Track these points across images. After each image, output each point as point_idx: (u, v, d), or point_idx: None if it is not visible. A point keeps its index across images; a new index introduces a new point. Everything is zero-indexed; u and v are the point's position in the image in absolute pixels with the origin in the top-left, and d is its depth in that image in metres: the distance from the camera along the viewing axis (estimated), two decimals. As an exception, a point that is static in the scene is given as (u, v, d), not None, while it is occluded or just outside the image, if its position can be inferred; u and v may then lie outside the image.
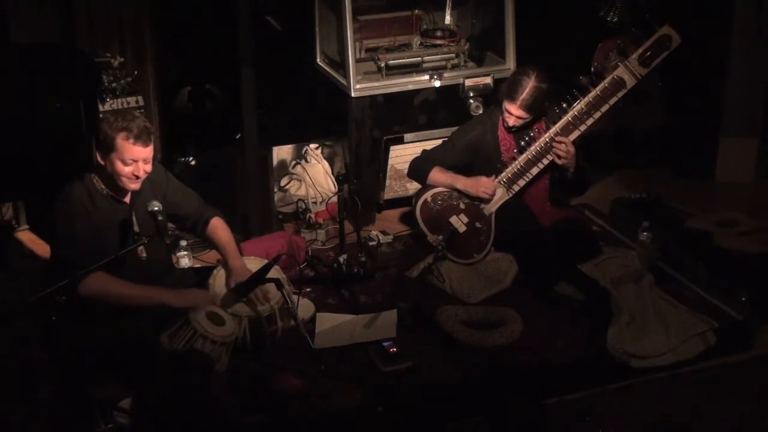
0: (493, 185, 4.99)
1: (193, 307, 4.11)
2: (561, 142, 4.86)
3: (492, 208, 5.04)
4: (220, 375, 4.11)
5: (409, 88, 5.42)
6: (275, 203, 5.68)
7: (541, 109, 4.93)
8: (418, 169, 5.14)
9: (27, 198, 5.31)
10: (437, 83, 5.44)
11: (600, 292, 4.70)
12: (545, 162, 4.94)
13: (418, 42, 5.55)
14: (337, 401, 4.06)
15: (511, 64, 5.52)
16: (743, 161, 6.17)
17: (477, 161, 5.11)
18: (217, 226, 4.49)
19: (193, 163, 5.65)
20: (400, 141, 5.47)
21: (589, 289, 4.75)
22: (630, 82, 4.90)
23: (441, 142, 5.24)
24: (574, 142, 4.90)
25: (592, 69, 5.05)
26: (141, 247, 4.24)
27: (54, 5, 5.41)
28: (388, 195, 5.66)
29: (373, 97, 5.35)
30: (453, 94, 5.47)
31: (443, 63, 5.50)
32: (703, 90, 6.16)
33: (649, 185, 5.80)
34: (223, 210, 4.61)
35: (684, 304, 4.71)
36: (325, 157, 5.91)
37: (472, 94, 5.45)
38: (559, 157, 4.88)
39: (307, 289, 4.85)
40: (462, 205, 5.07)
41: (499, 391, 4.24)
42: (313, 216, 5.47)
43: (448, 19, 5.68)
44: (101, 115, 5.28)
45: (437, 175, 5.07)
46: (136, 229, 4.24)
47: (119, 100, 5.37)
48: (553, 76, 4.91)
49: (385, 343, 4.36)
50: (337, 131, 5.63)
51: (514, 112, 4.89)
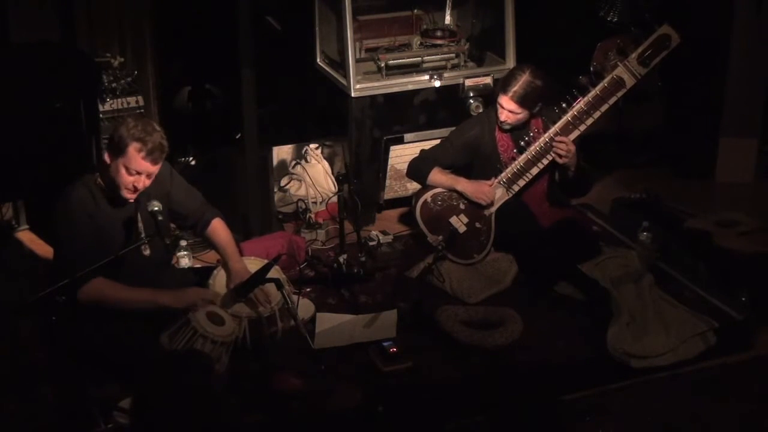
0: (492, 195, 4.98)
1: (192, 305, 4.10)
2: (561, 142, 4.86)
3: (492, 209, 5.04)
4: (220, 375, 4.11)
5: (409, 88, 5.42)
6: (275, 203, 5.68)
7: (533, 107, 4.90)
8: (418, 169, 5.14)
9: (27, 198, 5.31)
10: (437, 83, 5.44)
11: (600, 292, 4.70)
12: (545, 162, 4.94)
13: (418, 42, 5.55)
14: (337, 401, 4.06)
15: (511, 64, 5.51)
16: (743, 161, 6.17)
17: (475, 161, 5.11)
18: (217, 227, 4.48)
19: (193, 163, 5.64)
20: (400, 141, 5.47)
21: (589, 289, 4.75)
22: (629, 82, 4.90)
23: (440, 141, 5.25)
24: (573, 142, 4.90)
25: (592, 69, 5.05)
26: (144, 246, 4.24)
27: (54, 5, 5.41)
28: (388, 195, 5.66)
29: (373, 97, 5.35)
30: (453, 94, 5.47)
31: (443, 63, 5.50)
32: (703, 90, 6.16)
33: (649, 185, 5.80)
34: (223, 210, 4.60)
35: (684, 304, 4.70)
36: (325, 157, 5.91)
37: (472, 94, 5.45)
38: (560, 156, 4.87)
39: (307, 289, 4.85)
40: (462, 206, 5.07)
41: (499, 391, 4.24)
42: (313, 216, 5.47)
43: (448, 19, 5.68)
44: (102, 116, 5.30)
45: (437, 175, 5.07)
46: (141, 227, 4.24)
47: (119, 100, 5.37)
48: (549, 76, 4.90)
49: (385, 343, 4.36)
50: (337, 131, 5.63)
51: (505, 105, 4.89)
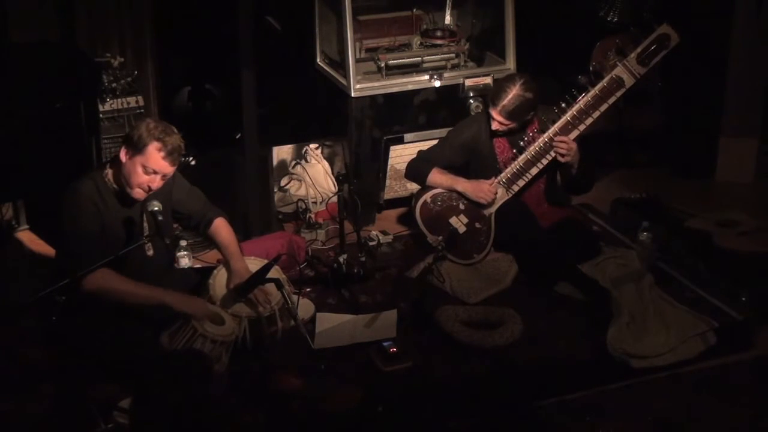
0: (493, 193, 4.98)
1: (192, 314, 4.10)
2: (562, 141, 4.85)
3: (492, 209, 5.04)
4: (220, 375, 4.11)
5: (409, 88, 5.41)
6: (275, 203, 5.68)
7: (523, 119, 4.91)
8: (417, 170, 5.14)
9: (27, 198, 5.31)
10: (437, 83, 5.44)
11: (600, 292, 4.70)
12: (544, 162, 4.94)
13: (418, 42, 5.55)
14: (337, 401, 4.06)
15: (511, 64, 5.51)
16: (743, 161, 6.16)
17: (473, 160, 5.11)
18: (220, 226, 4.49)
19: (193, 163, 5.64)
20: (400, 141, 5.47)
21: (589, 289, 4.75)
22: (629, 82, 4.90)
23: (437, 141, 5.25)
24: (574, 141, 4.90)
25: (591, 68, 5.07)
26: (148, 246, 4.24)
27: (54, 5, 5.41)
28: (388, 195, 5.66)
29: (373, 97, 5.35)
30: (453, 94, 5.47)
31: (443, 63, 5.50)
32: (703, 90, 6.16)
33: (649, 185, 5.80)
34: (223, 210, 4.60)
35: (684, 304, 4.70)
36: (325, 157, 5.91)
37: (472, 94, 5.45)
38: (561, 155, 4.87)
39: (307, 289, 4.85)
40: (462, 206, 5.07)
41: (500, 391, 4.24)
42: (313, 216, 5.47)
43: (448, 19, 5.68)
44: (102, 116, 5.30)
45: (437, 176, 5.07)
46: (145, 225, 4.24)
47: (119, 100, 5.37)
48: (540, 86, 4.88)
49: (385, 343, 4.36)
50: (337, 131, 5.63)
51: (495, 117, 4.90)
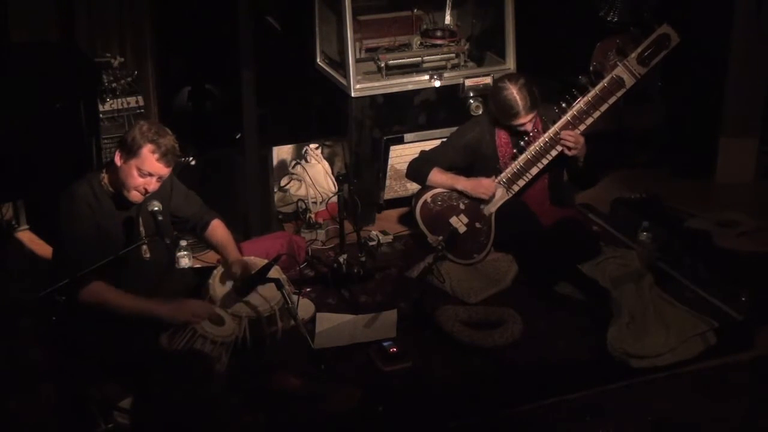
0: (493, 187, 4.98)
1: (189, 320, 4.09)
2: (568, 134, 4.84)
3: (492, 209, 5.04)
4: (220, 375, 4.11)
5: (409, 88, 5.41)
6: (275, 203, 5.68)
7: (539, 100, 4.89)
8: (417, 170, 5.14)
9: (27, 198, 5.31)
10: (437, 83, 5.44)
11: (600, 292, 4.70)
12: (545, 162, 4.94)
13: (418, 42, 5.54)
14: (337, 401, 4.06)
15: (511, 64, 5.51)
16: (743, 161, 6.16)
17: (475, 162, 5.11)
18: (216, 227, 4.49)
19: (193, 163, 5.63)
20: (400, 141, 5.47)
21: (589, 289, 4.75)
22: (629, 82, 4.90)
23: (440, 142, 5.24)
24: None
25: (592, 68, 5.06)
26: (145, 247, 4.24)
27: (54, 5, 5.41)
28: (388, 195, 5.66)
29: (373, 97, 5.35)
30: (453, 94, 5.47)
31: (443, 63, 5.50)
32: (703, 90, 6.16)
33: (649, 185, 5.80)
34: (223, 210, 4.61)
35: (684, 304, 4.70)
36: (325, 157, 5.91)
37: (472, 94, 5.45)
38: (569, 149, 4.86)
39: (307, 289, 4.85)
40: (462, 206, 5.07)
41: (500, 391, 4.24)
42: (313, 216, 5.47)
43: (448, 19, 5.68)
44: (102, 116, 5.30)
45: (437, 176, 5.07)
46: (142, 229, 4.24)
47: (119, 100, 5.37)
48: (539, 86, 4.91)
49: (385, 343, 4.36)
50: (337, 131, 5.63)
51: (524, 120, 4.88)
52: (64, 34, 5.44)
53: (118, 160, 4.10)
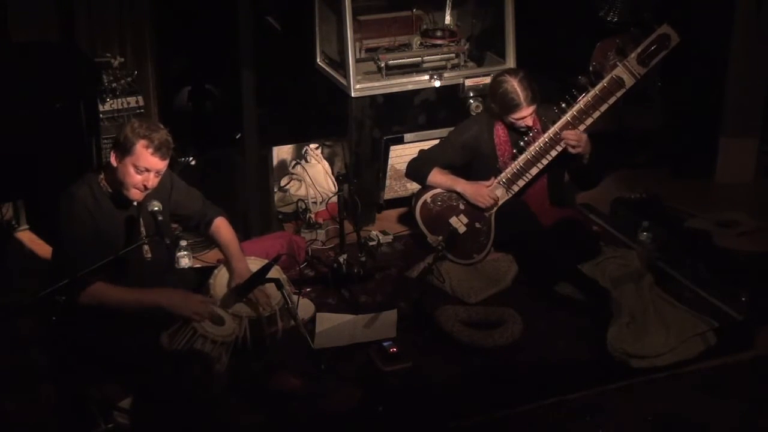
0: (491, 198, 4.98)
1: (190, 316, 4.09)
2: (570, 133, 4.84)
3: (492, 209, 5.04)
4: (220, 375, 4.11)
5: (409, 88, 5.41)
6: (275, 203, 5.68)
7: (539, 93, 4.90)
8: (417, 170, 5.14)
9: (27, 198, 5.31)
10: (437, 83, 5.44)
11: (600, 292, 4.70)
12: (545, 162, 4.94)
13: (418, 42, 5.55)
14: (337, 401, 4.06)
15: (511, 64, 5.51)
16: (743, 161, 6.16)
17: (474, 160, 5.11)
18: (220, 226, 4.49)
19: (193, 163, 5.64)
20: (400, 141, 5.47)
21: (589, 289, 4.75)
22: (629, 82, 4.90)
23: (438, 141, 5.25)
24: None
25: (591, 68, 5.06)
26: (146, 247, 4.24)
27: (54, 5, 5.41)
28: (388, 195, 5.66)
29: (373, 97, 5.35)
30: (453, 94, 5.47)
31: (443, 63, 5.50)
32: (703, 90, 6.16)
33: (649, 185, 5.80)
34: (223, 210, 4.60)
35: (684, 304, 4.70)
36: (325, 157, 5.91)
37: (472, 94, 5.45)
38: (572, 147, 4.86)
39: (307, 289, 4.85)
40: (462, 206, 5.07)
41: (500, 391, 4.24)
42: (313, 216, 5.47)
43: (448, 19, 5.68)
44: (102, 116, 5.30)
45: (437, 176, 5.07)
46: (142, 229, 4.24)
47: (119, 100, 5.37)
48: (539, 86, 4.92)
49: (385, 343, 4.36)
50: (337, 131, 5.63)
51: (526, 114, 4.88)
52: (64, 34, 5.44)
53: (113, 161, 4.11)
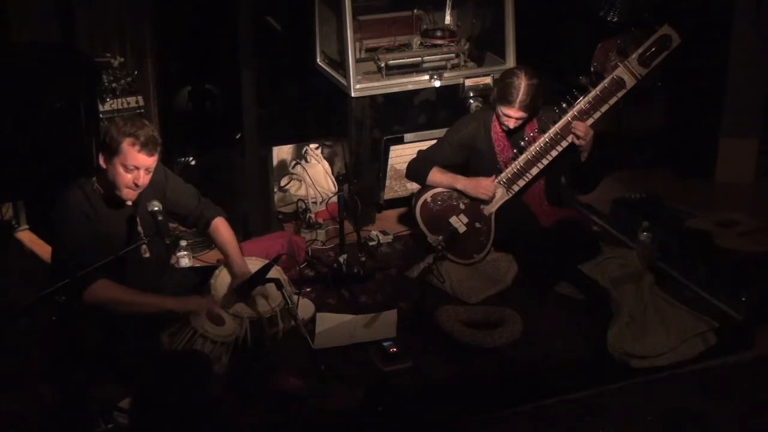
0: (493, 187, 4.98)
1: (195, 310, 4.10)
2: (579, 124, 4.83)
3: (492, 209, 5.04)
4: (220, 375, 4.11)
5: (409, 88, 5.41)
6: (275, 203, 5.68)
7: (537, 106, 4.91)
8: (417, 170, 5.14)
9: (27, 198, 5.31)
10: (437, 83, 5.44)
11: (600, 292, 4.70)
12: (545, 162, 4.94)
13: (418, 42, 5.55)
14: (337, 401, 4.06)
15: (511, 64, 5.50)
16: (743, 161, 6.16)
17: (472, 159, 5.11)
18: (219, 226, 4.48)
19: (193, 163, 5.64)
20: (400, 141, 5.47)
21: (589, 289, 4.75)
22: (630, 82, 4.90)
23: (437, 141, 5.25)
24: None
25: (592, 69, 5.05)
26: (144, 247, 4.23)
27: (54, 5, 5.41)
28: (388, 195, 5.66)
29: (373, 97, 5.35)
30: (453, 94, 5.47)
31: (443, 63, 5.50)
32: (703, 90, 6.16)
33: (649, 185, 5.80)
34: (223, 210, 4.60)
35: (684, 304, 4.70)
36: (325, 157, 5.91)
37: (472, 94, 5.45)
38: (578, 137, 4.84)
39: (307, 289, 4.85)
40: (462, 206, 5.07)
41: (500, 391, 4.24)
42: (313, 216, 5.47)
43: (448, 19, 5.68)
44: (102, 116, 5.30)
45: (437, 175, 5.07)
46: (140, 229, 4.23)
47: (119, 100, 5.37)
48: (540, 72, 4.90)
49: (385, 343, 4.36)
50: (337, 131, 5.63)
51: (513, 115, 4.88)
52: (64, 34, 5.44)
53: (102, 163, 4.09)
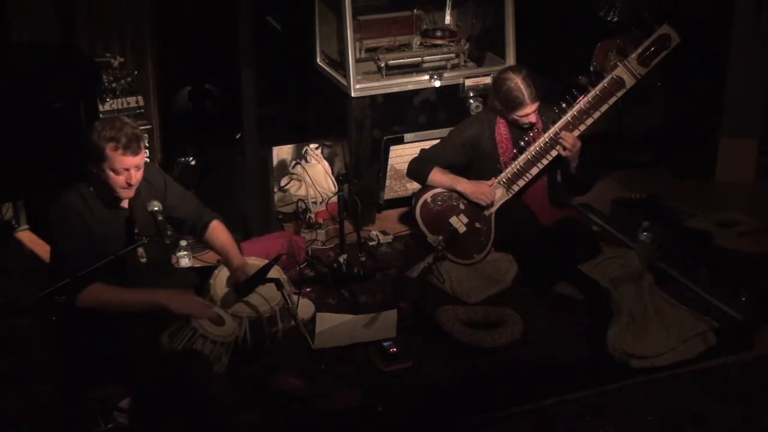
0: (492, 195, 4.98)
1: (189, 314, 4.09)
2: (568, 135, 4.85)
3: (492, 209, 5.04)
4: (220, 375, 4.11)
5: (409, 88, 5.41)
6: (275, 203, 5.68)
7: (540, 90, 4.90)
8: (418, 169, 5.14)
9: (27, 198, 5.31)
10: (437, 83, 5.43)
11: (600, 292, 4.70)
12: (545, 162, 4.94)
13: (418, 42, 5.54)
14: (337, 401, 4.06)
15: (511, 63, 5.50)
16: (743, 161, 6.16)
17: (474, 160, 5.11)
18: (216, 228, 4.48)
19: (193, 163, 5.65)
20: (400, 141, 5.47)
21: (589, 289, 4.75)
22: (629, 82, 4.90)
23: (437, 141, 5.25)
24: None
25: (592, 69, 5.07)
26: (141, 251, 4.22)
27: (54, 5, 5.41)
28: (388, 195, 5.66)
29: (373, 97, 5.35)
30: (453, 94, 5.47)
31: (443, 63, 5.50)
32: (703, 90, 6.15)
33: (649, 185, 5.80)
34: (223, 210, 4.60)
35: (684, 305, 4.70)
36: (325, 157, 5.90)
37: (472, 94, 5.45)
38: (564, 148, 4.86)
39: (307, 289, 4.85)
40: (462, 206, 5.07)
41: (500, 391, 4.24)
42: (313, 216, 5.47)
43: (448, 19, 5.68)
44: (102, 116, 5.30)
45: (437, 176, 5.07)
46: (137, 230, 4.23)
47: (119, 100, 5.38)
48: (540, 73, 4.93)
49: (385, 343, 4.37)
50: (337, 131, 5.63)
51: (530, 111, 4.89)
52: (64, 34, 5.44)
53: (92, 168, 4.08)
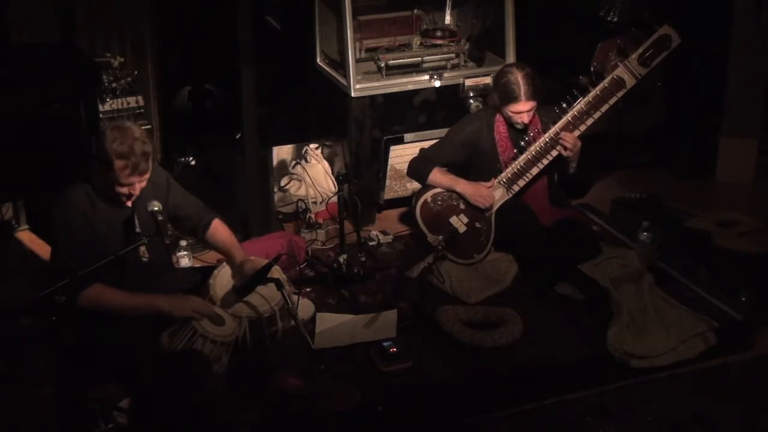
0: (492, 198, 4.98)
1: (189, 316, 4.10)
2: (568, 135, 4.84)
3: (492, 209, 5.04)
4: (220, 375, 4.11)
5: (409, 88, 5.41)
6: (275, 203, 5.68)
7: (540, 92, 4.90)
8: (418, 169, 5.14)
9: (27, 198, 5.31)
10: (437, 83, 5.44)
11: (600, 292, 4.70)
12: (545, 162, 4.94)
13: (418, 42, 5.55)
14: (337, 401, 4.06)
15: (511, 64, 5.51)
16: (743, 161, 6.16)
17: (473, 158, 5.11)
18: (218, 227, 4.48)
19: (193, 163, 5.64)
20: (400, 141, 5.47)
21: (589, 289, 4.75)
22: (630, 82, 4.90)
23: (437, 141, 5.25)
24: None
25: (592, 69, 5.06)
26: (143, 249, 4.22)
27: (54, 5, 5.41)
28: (388, 195, 5.66)
29: (373, 97, 5.35)
30: (453, 94, 5.47)
31: (443, 63, 5.50)
32: (703, 90, 6.16)
33: (649, 185, 5.80)
34: (223, 210, 4.60)
35: (684, 305, 4.70)
36: (325, 157, 5.91)
37: (472, 94, 5.45)
38: (565, 148, 4.86)
39: (307, 289, 4.85)
40: (462, 206, 5.07)
41: (500, 391, 4.24)
42: (313, 216, 5.47)
43: (448, 19, 5.68)
44: (102, 116, 5.30)
45: (437, 175, 5.07)
46: (138, 230, 4.23)
47: (119, 100, 5.38)
48: (539, 72, 4.92)
49: (385, 343, 4.37)
50: (337, 131, 5.63)
51: (523, 109, 4.88)
52: (64, 34, 5.44)
53: (97, 168, 4.08)
